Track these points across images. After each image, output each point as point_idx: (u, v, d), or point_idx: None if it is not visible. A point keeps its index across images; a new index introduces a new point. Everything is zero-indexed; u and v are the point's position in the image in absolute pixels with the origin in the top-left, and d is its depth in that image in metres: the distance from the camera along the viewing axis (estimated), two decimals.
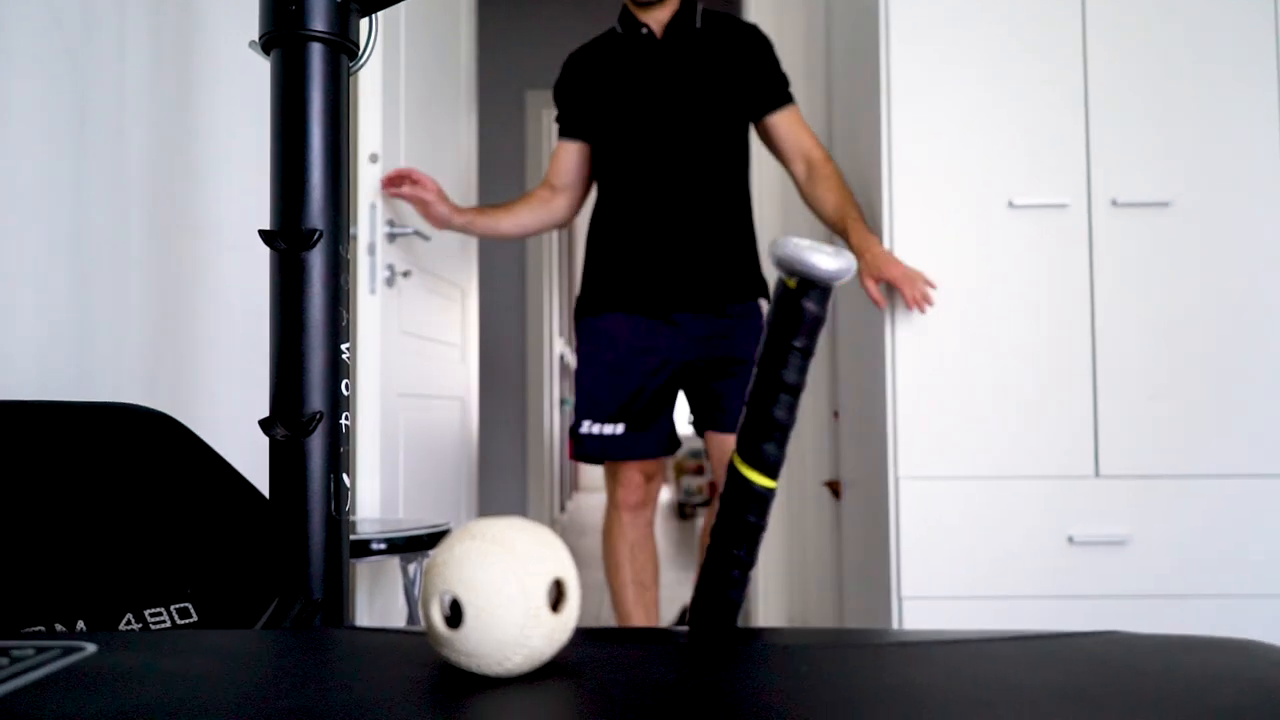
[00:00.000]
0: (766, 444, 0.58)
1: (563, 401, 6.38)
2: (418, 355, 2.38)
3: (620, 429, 2.18)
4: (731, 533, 0.60)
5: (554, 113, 5.37)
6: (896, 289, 1.92)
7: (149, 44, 1.37)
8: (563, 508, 6.55)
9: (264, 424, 0.78)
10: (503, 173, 4.78)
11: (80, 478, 0.87)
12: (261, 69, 0.86)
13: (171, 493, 0.91)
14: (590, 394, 2.21)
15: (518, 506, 4.83)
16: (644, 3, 2.24)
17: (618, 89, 2.25)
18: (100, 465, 0.89)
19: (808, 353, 0.57)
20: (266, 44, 0.83)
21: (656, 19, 2.26)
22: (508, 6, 4.71)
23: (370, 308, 2.09)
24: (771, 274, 2.30)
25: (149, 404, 1.01)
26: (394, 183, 2.13)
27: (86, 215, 1.22)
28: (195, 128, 1.49)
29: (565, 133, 2.36)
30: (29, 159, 1.13)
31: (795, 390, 0.58)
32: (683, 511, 6.70)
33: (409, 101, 2.36)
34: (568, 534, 5.99)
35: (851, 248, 2.02)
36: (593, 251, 2.27)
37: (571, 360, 7.61)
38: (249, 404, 1.51)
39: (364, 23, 0.88)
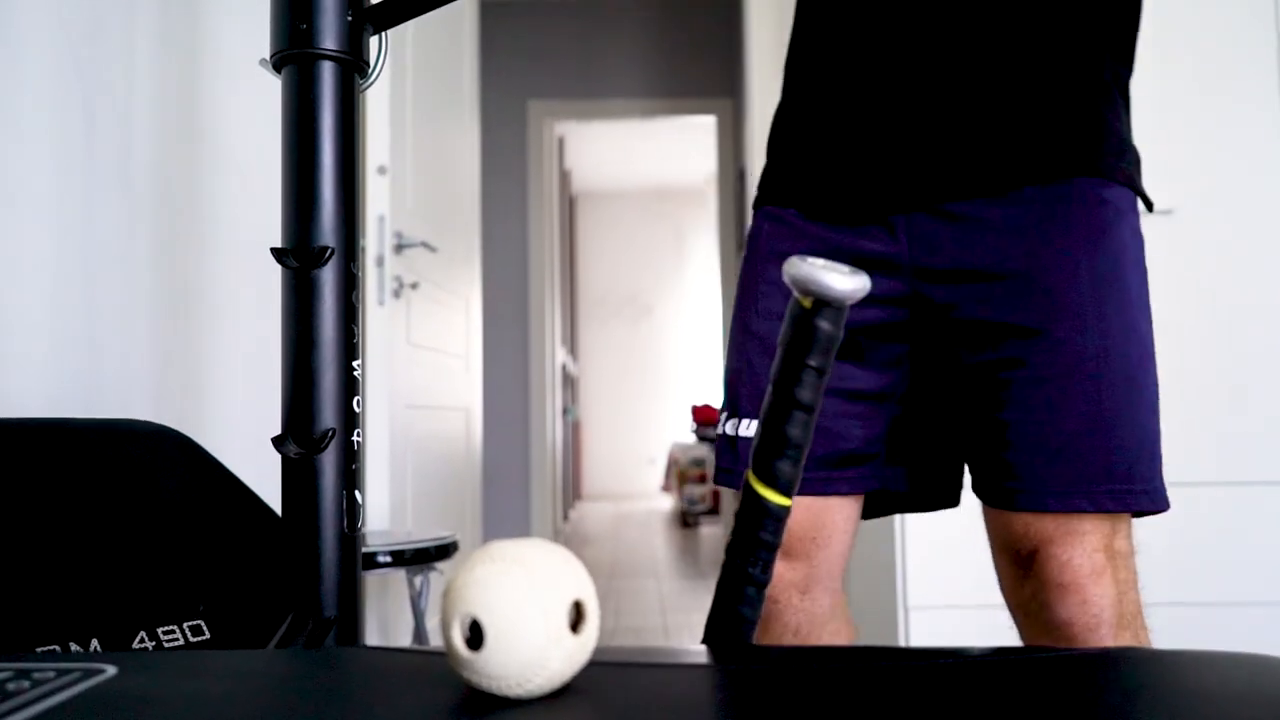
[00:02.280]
0: (780, 462, 0.58)
1: (565, 410, 6.39)
2: (424, 366, 2.39)
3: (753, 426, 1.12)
4: (746, 550, 0.60)
5: (558, 124, 5.39)
6: None
7: (157, 57, 1.38)
8: (566, 516, 6.55)
9: (276, 441, 0.78)
10: (505, 182, 4.79)
11: (92, 495, 0.87)
12: (270, 82, 0.87)
13: (183, 509, 0.91)
14: (729, 369, 1.15)
15: (521, 515, 4.82)
16: None
17: None
18: (112, 482, 0.90)
19: (822, 371, 0.57)
20: (278, 62, 0.83)
21: None
22: (509, 17, 4.73)
23: (378, 319, 2.10)
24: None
25: (158, 419, 1.01)
26: None
27: (95, 230, 1.22)
28: (203, 141, 1.49)
29: None
30: (38, 173, 1.14)
31: (810, 409, 0.58)
32: (685, 520, 6.70)
33: (415, 113, 2.37)
34: (571, 543, 5.98)
35: None
36: (795, 94, 1.16)
37: (573, 370, 7.62)
38: (257, 419, 1.51)
39: (374, 40, 0.88)
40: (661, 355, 8.65)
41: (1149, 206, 1.08)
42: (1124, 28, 1.07)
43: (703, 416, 6.78)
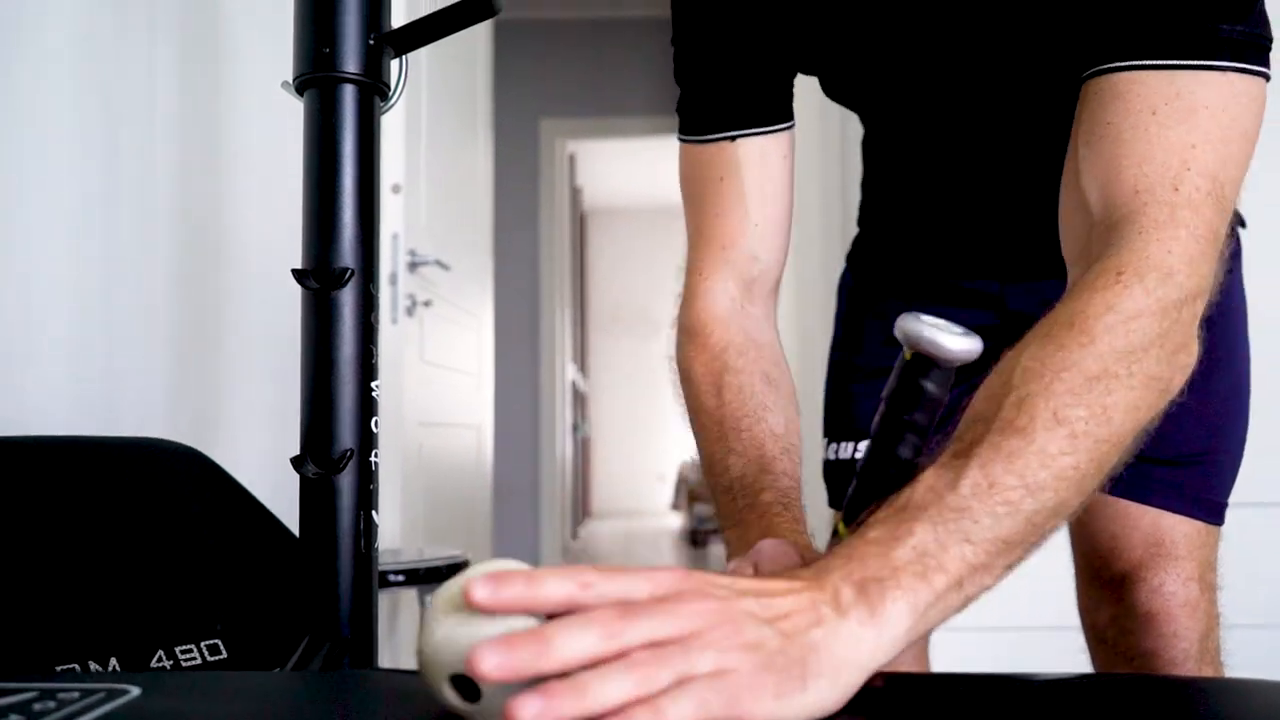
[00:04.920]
0: None
1: (575, 427, 6.39)
2: (436, 384, 2.39)
3: (850, 449, 1.08)
4: None
5: (570, 142, 5.42)
6: None
7: (179, 79, 1.39)
8: (575, 534, 6.54)
9: (295, 462, 0.78)
10: (517, 199, 4.81)
11: (110, 514, 0.88)
12: (290, 104, 0.88)
13: (201, 528, 0.92)
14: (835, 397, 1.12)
15: (530, 533, 4.82)
16: None
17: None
18: (130, 501, 0.90)
19: (925, 431, 0.55)
20: (300, 85, 0.84)
21: None
22: (522, 36, 4.76)
23: (391, 337, 2.10)
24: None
25: (176, 438, 1.02)
26: None
27: (115, 250, 1.23)
28: (224, 162, 1.51)
29: (755, 114, 0.88)
30: (59, 194, 1.15)
31: (908, 465, 0.55)
32: (695, 539, 6.68)
33: (429, 131, 2.39)
34: (581, 562, 5.97)
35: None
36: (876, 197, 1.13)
37: (584, 387, 7.62)
38: (275, 439, 1.52)
39: (395, 63, 0.89)
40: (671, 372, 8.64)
41: (1242, 223, 1.04)
42: None
43: None
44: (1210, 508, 0.95)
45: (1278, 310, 1.98)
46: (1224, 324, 0.97)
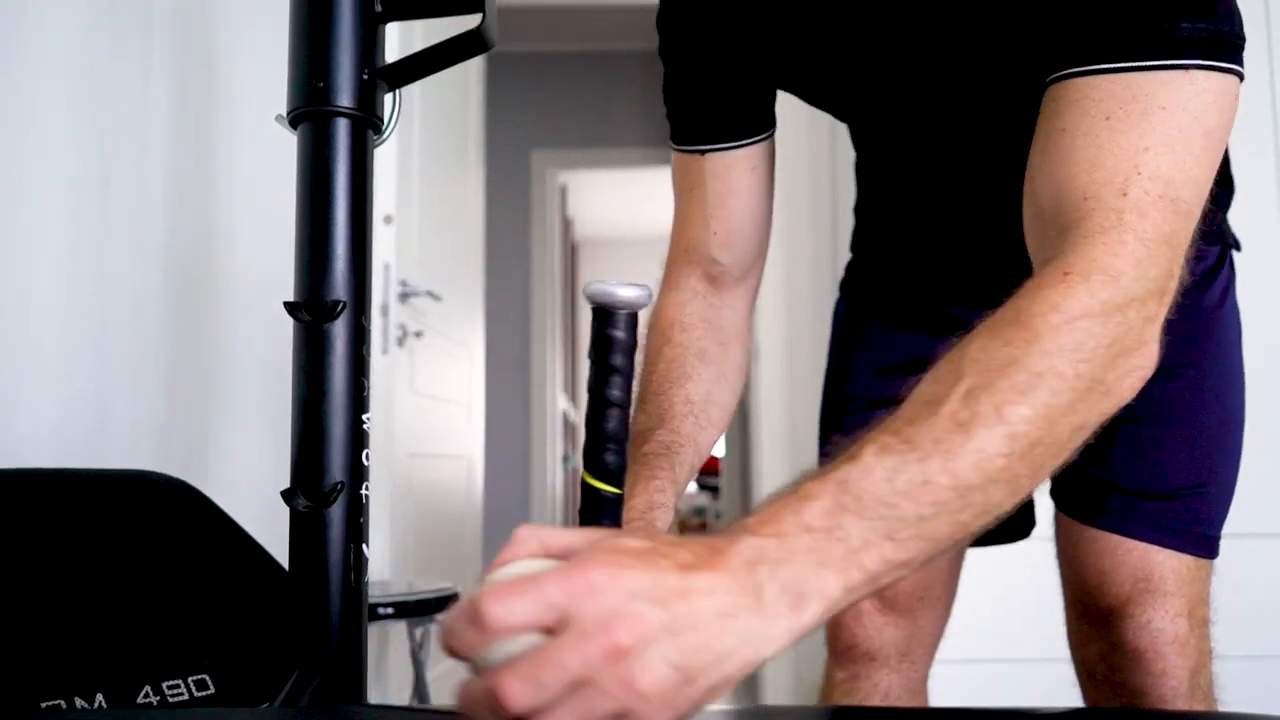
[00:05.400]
0: (606, 455, 0.65)
1: (565, 458, 6.37)
2: (427, 414, 2.39)
3: None
4: None
5: (561, 174, 5.45)
6: None
7: (173, 111, 1.40)
8: None
9: (286, 495, 0.78)
10: (509, 230, 4.82)
11: (98, 547, 0.87)
12: (284, 137, 0.88)
13: (188, 562, 0.91)
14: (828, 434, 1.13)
15: None
16: None
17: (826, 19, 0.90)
18: (117, 534, 0.90)
19: (627, 373, 0.65)
20: (294, 119, 0.84)
21: None
22: (514, 68, 4.79)
23: (382, 368, 2.10)
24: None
25: (166, 469, 1.01)
26: None
27: (108, 281, 1.23)
28: (217, 194, 1.51)
29: (726, 129, 0.93)
30: (52, 224, 1.15)
31: (622, 405, 0.65)
32: None
33: (422, 163, 2.40)
34: None
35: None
36: (868, 229, 1.15)
37: (574, 417, 7.60)
38: (265, 471, 1.51)
39: (388, 97, 0.89)
40: None
41: (1236, 246, 1.03)
42: None
43: (704, 465, 6.75)
44: (1201, 541, 0.93)
45: (1272, 335, 1.99)
46: (1217, 355, 0.97)
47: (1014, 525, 1.07)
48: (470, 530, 2.82)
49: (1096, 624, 0.95)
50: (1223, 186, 1.01)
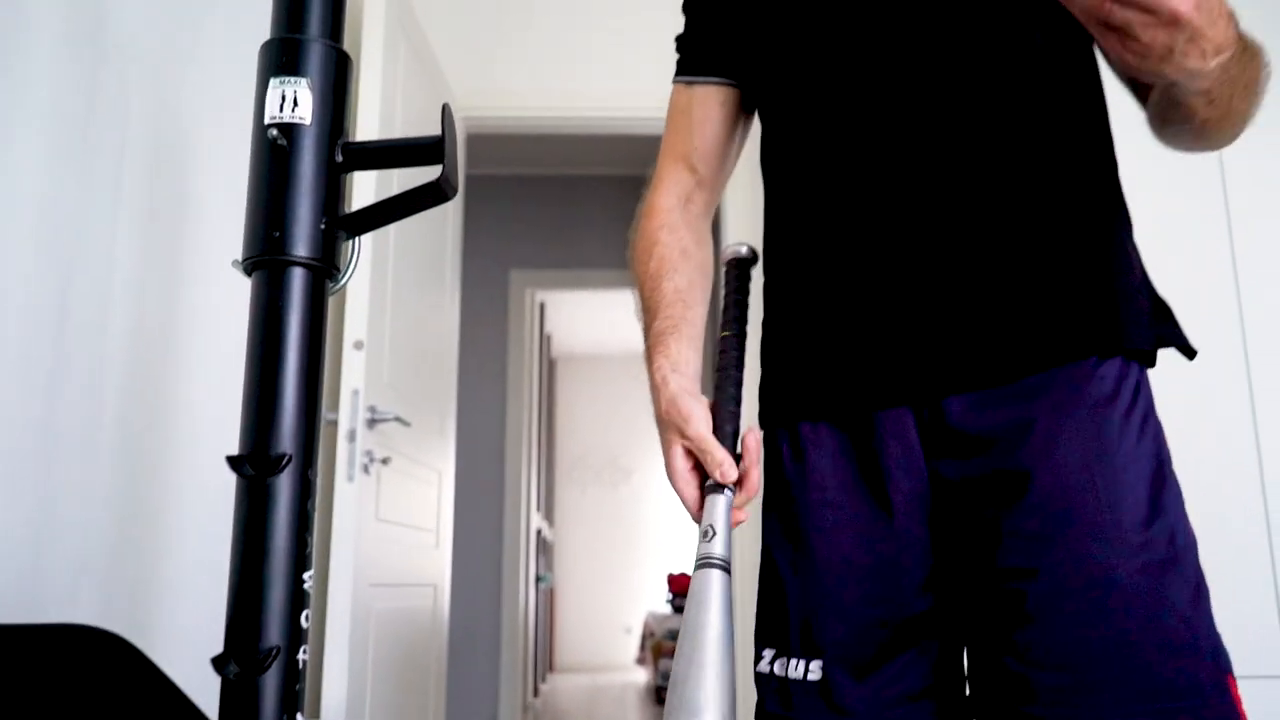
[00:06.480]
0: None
1: (539, 578, 6.23)
2: (392, 543, 2.33)
3: (817, 672, 0.97)
4: None
5: (539, 294, 5.50)
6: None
7: (140, 250, 1.39)
8: (536, 691, 6.29)
9: (216, 662, 0.74)
10: (486, 348, 4.83)
11: (31, 704, 0.82)
12: (245, 282, 0.87)
13: (119, 719, 0.86)
14: (774, 597, 1.04)
15: (489, 690, 4.63)
16: None
17: None
18: (51, 691, 0.85)
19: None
20: (249, 267, 0.83)
21: None
22: (492, 190, 4.88)
23: (346, 496, 2.06)
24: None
25: (106, 623, 0.97)
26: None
27: (57, 420, 1.20)
28: (178, 338, 1.49)
29: (703, 66, 1.18)
30: (5, 361, 1.12)
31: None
32: (659, 697, 6.45)
33: (396, 286, 2.40)
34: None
35: None
36: (773, 292, 1.12)
37: (549, 535, 7.48)
38: (208, 627, 1.45)
39: (348, 242, 0.89)
40: (639, 520, 8.53)
41: (1189, 355, 0.99)
42: (1111, 175, 1.02)
43: (679, 586, 6.63)
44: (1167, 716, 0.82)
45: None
46: (1135, 495, 0.88)
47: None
48: (434, 661, 2.72)
49: None
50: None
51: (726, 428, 0.97)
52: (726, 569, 0.87)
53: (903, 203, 0.98)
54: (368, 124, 2.26)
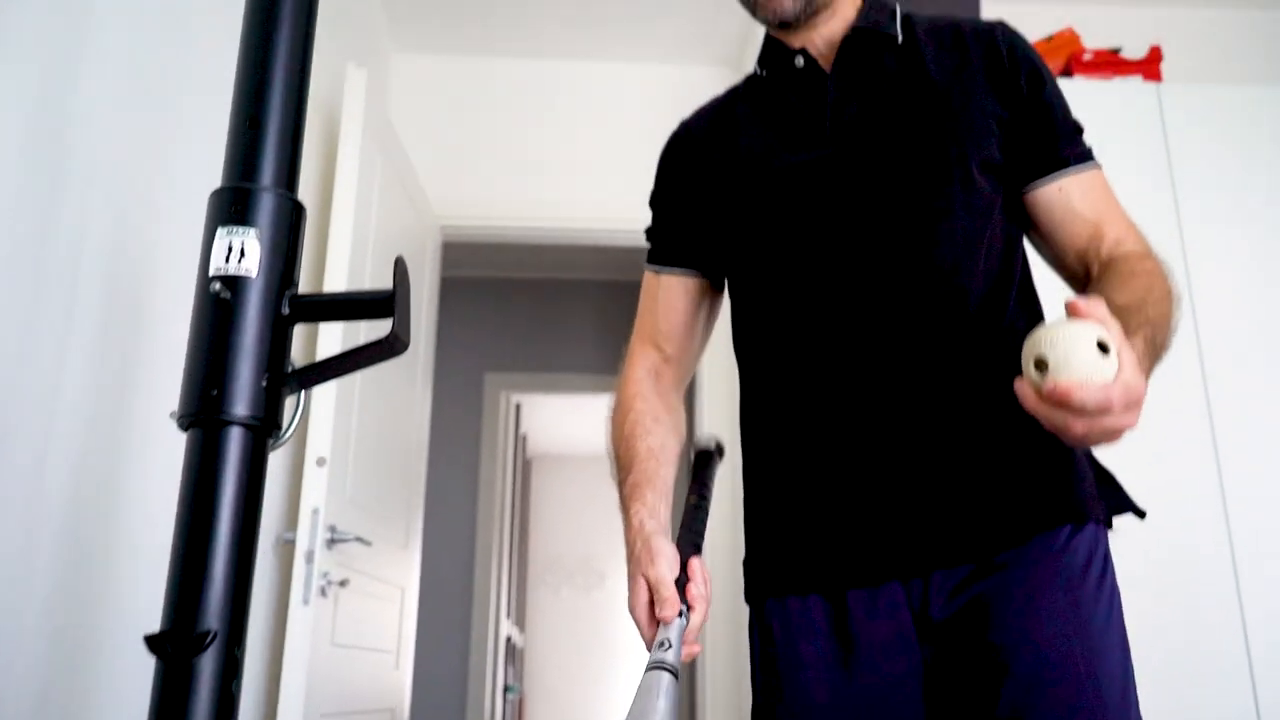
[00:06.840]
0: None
1: (507, 689, 6.04)
2: (348, 668, 2.23)
3: None
4: None
5: (515, 396, 5.44)
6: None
7: (83, 396, 1.34)
8: None
9: None
10: (459, 450, 4.75)
11: None
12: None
13: None
14: None
15: None
16: (787, 21, 1.16)
17: (763, 173, 1.17)
18: None
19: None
20: (184, 425, 0.79)
21: (819, 38, 1.19)
22: (467, 293, 4.87)
23: (301, 620, 1.98)
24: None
25: None
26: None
27: None
28: (120, 492, 1.43)
29: (667, 258, 1.28)
30: None
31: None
32: None
33: (363, 397, 2.36)
34: None
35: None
36: (754, 472, 1.19)
37: (519, 641, 7.28)
38: None
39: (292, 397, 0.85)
40: (613, 624, 8.33)
41: (1140, 515, 1.11)
42: None
43: None
44: None
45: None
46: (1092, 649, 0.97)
47: None
48: None
49: None
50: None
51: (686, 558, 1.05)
52: (676, 675, 0.91)
53: (872, 399, 1.07)
54: (340, 239, 2.24)
